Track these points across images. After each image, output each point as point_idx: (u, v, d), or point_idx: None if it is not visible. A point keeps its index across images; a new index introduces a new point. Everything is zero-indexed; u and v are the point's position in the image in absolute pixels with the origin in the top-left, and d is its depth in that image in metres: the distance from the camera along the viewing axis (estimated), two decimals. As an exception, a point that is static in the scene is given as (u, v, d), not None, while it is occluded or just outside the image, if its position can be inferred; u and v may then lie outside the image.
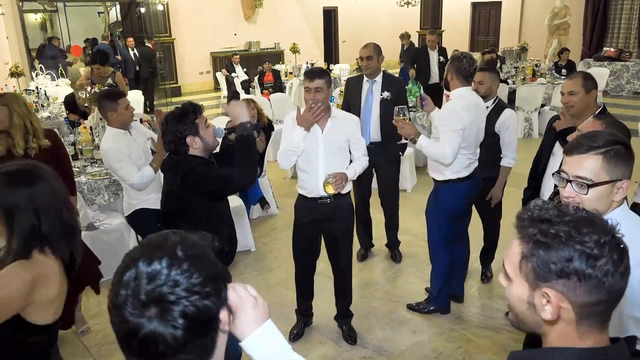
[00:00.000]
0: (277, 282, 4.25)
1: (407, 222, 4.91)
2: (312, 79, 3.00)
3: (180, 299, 0.88)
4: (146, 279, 0.88)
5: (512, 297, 1.08)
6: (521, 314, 1.08)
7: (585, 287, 0.96)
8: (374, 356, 3.35)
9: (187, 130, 2.41)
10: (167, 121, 2.45)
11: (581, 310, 0.99)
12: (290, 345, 1.16)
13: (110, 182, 4.37)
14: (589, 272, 0.95)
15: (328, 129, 3.10)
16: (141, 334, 0.87)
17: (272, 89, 9.73)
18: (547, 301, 1.00)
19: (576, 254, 0.96)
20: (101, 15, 16.03)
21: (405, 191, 6.10)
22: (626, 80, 11.33)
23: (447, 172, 3.38)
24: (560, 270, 0.97)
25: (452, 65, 3.33)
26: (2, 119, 3.16)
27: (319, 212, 3.21)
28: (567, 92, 2.88)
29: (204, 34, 13.22)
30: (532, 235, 1.01)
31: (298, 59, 12.29)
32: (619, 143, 1.60)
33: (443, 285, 3.65)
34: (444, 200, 3.48)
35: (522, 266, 1.03)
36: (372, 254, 4.73)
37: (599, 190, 1.59)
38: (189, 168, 2.41)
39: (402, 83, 4.34)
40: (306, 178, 3.18)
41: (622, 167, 1.59)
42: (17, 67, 9.00)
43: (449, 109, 3.28)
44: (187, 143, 2.42)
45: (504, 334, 3.49)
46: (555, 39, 12.38)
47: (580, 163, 1.60)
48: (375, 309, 3.86)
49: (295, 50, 12.35)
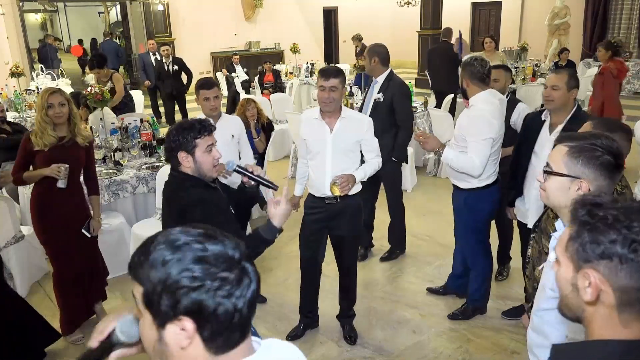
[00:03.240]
0: (277, 282, 4.25)
1: (407, 223, 4.90)
2: (328, 78, 2.97)
3: None
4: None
5: (560, 280, 1.09)
6: (566, 298, 1.08)
7: (626, 271, 0.97)
8: (374, 356, 3.35)
9: (183, 145, 2.18)
10: (169, 131, 2.29)
11: (622, 295, 0.99)
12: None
13: (110, 182, 4.37)
14: (630, 257, 0.96)
15: (337, 130, 3.08)
16: None
17: (272, 89, 9.73)
18: (588, 283, 1.01)
19: (620, 237, 0.97)
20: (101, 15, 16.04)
21: (405, 191, 6.10)
22: (626, 80, 11.33)
23: (475, 180, 3.26)
24: (602, 251, 0.98)
25: (465, 72, 3.22)
26: (67, 112, 3.27)
27: (326, 212, 3.21)
28: (550, 86, 2.94)
29: (204, 34, 13.24)
30: (580, 217, 1.03)
31: (298, 59, 12.29)
32: (601, 149, 1.57)
33: (482, 286, 3.61)
34: (477, 209, 3.36)
35: (569, 247, 1.05)
36: (372, 253, 4.73)
37: (556, 180, 1.64)
38: (189, 203, 2.16)
39: (400, 88, 4.21)
40: (314, 177, 3.19)
41: (583, 167, 1.58)
42: (17, 67, 9.00)
43: (478, 118, 3.12)
44: (178, 158, 2.21)
45: (504, 334, 3.49)
46: (555, 39, 12.39)
47: (553, 151, 1.68)
48: (375, 309, 3.86)
49: (296, 50, 12.36)
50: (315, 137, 3.13)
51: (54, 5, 15.50)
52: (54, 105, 3.20)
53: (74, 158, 3.30)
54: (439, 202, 5.55)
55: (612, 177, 1.60)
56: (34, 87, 8.89)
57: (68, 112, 3.27)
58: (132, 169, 4.67)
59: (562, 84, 2.89)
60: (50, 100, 3.21)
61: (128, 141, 5.22)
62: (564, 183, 1.62)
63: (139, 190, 4.56)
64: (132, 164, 4.79)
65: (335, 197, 3.11)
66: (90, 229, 3.42)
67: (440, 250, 4.68)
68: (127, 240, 4.37)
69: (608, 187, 1.61)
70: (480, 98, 3.20)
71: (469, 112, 3.25)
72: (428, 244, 4.81)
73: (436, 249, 4.73)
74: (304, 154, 3.30)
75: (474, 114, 3.17)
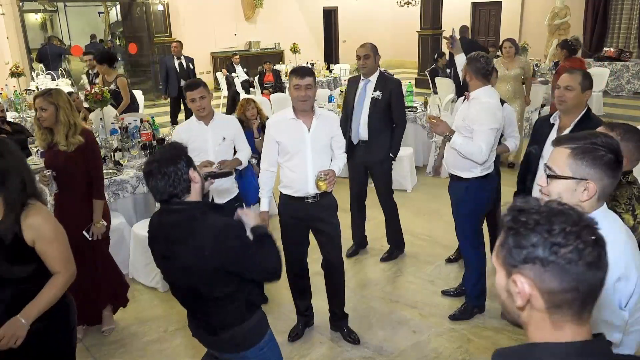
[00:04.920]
0: (277, 282, 4.24)
1: (407, 222, 4.90)
2: (303, 77, 3.01)
3: None
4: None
5: (497, 286, 1.11)
6: (504, 304, 1.10)
7: (549, 274, 0.98)
8: (374, 356, 3.35)
9: (187, 164, 2.03)
10: (158, 165, 2.00)
11: (550, 298, 1.00)
12: (290, 345, 1.16)
13: (110, 182, 4.37)
14: (551, 259, 0.97)
15: (315, 128, 3.12)
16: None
17: (272, 89, 9.74)
18: (517, 288, 1.02)
19: (541, 240, 0.98)
20: (101, 15, 16.03)
21: (405, 191, 6.10)
22: (626, 80, 11.33)
23: (478, 169, 3.42)
24: (525, 256, 1.00)
25: (470, 66, 3.35)
26: (49, 117, 3.18)
27: (306, 211, 3.22)
28: (563, 87, 2.86)
29: (204, 34, 13.24)
30: (506, 223, 1.04)
31: (298, 59, 12.30)
32: (603, 147, 1.56)
33: (478, 283, 3.68)
34: (478, 197, 3.51)
35: (499, 253, 1.06)
36: (372, 253, 4.73)
37: (561, 184, 1.60)
38: (220, 230, 1.97)
39: (396, 84, 4.28)
40: (293, 177, 3.17)
41: (589, 168, 1.56)
42: (17, 67, 9.00)
43: (485, 109, 3.27)
44: (190, 177, 2.02)
45: (504, 334, 3.49)
46: (555, 38, 12.37)
47: (552, 154, 1.64)
48: (375, 309, 3.86)
49: (296, 50, 12.36)
50: (292, 138, 3.12)
51: (54, 5, 15.49)
52: (37, 109, 3.20)
53: (62, 163, 3.23)
54: (439, 202, 5.55)
55: (615, 175, 1.60)
56: (34, 87, 8.90)
57: (53, 117, 3.18)
58: (132, 169, 4.67)
59: (576, 84, 2.82)
60: (35, 104, 3.22)
61: (128, 141, 5.22)
62: (569, 186, 1.59)
63: (139, 190, 4.56)
64: (132, 164, 4.79)
65: (315, 195, 3.16)
66: (90, 232, 3.42)
67: (441, 250, 4.68)
68: (127, 240, 4.37)
69: (611, 186, 1.61)
70: (482, 92, 3.35)
71: (474, 103, 3.34)
72: (428, 244, 4.81)
73: (436, 249, 4.73)
74: (274, 161, 3.23)
75: (481, 106, 3.28)
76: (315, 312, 3.64)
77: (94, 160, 3.40)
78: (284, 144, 3.15)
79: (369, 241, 4.82)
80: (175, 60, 8.92)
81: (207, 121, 3.51)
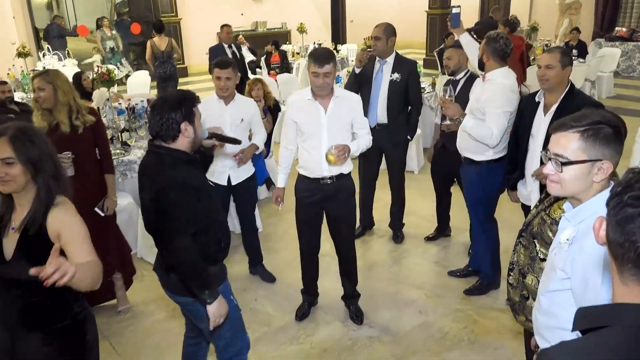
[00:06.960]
0: (284, 262, 4.28)
1: (413, 204, 4.90)
2: (322, 65, 2.94)
3: None
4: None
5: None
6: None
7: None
8: (380, 336, 3.38)
9: (184, 116, 2.17)
10: (161, 103, 2.20)
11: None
12: (297, 324, 1.16)
13: (118, 163, 4.38)
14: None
15: (331, 109, 3.09)
16: None
17: (279, 69, 9.68)
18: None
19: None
20: (107, -5, 15.91)
21: (412, 172, 6.09)
22: (638, 60, 11.17)
23: (490, 152, 3.40)
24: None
25: (488, 46, 3.29)
26: (47, 97, 3.15)
27: (321, 193, 3.22)
28: (544, 66, 2.89)
29: (211, 14, 13.11)
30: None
31: (305, 39, 12.17)
32: (607, 124, 1.55)
33: (492, 261, 3.72)
34: (489, 182, 3.48)
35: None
36: (378, 235, 4.74)
37: (576, 169, 1.56)
38: (166, 185, 2.13)
39: (413, 65, 4.28)
40: (309, 158, 3.18)
41: (602, 147, 1.54)
42: (24, 47, 8.98)
43: (500, 91, 3.22)
44: (181, 130, 2.17)
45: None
46: (566, 18, 12.19)
47: (559, 140, 1.59)
48: (381, 290, 3.88)
49: (303, 30, 12.24)
50: (309, 118, 3.12)
51: (60, -15, 15.40)
52: (35, 89, 3.17)
53: (75, 144, 3.21)
54: (446, 183, 5.52)
55: (621, 150, 1.58)
56: (40, 67, 8.88)
57: (52, 97, 3.15)
58: (140, 149, 4.68)
59: (556, 62, 2.85)
60: (33, 84, 3.19)
61: (135, 122, 5.23)
62: (583, 170, 1.56)
63: (147, 171, 4.56)
64: (140, 145, 4.81)
65: (331, 177, 3.13)
66: (104, 207, 3.41)
67: (447, 231, 4.69)
68: (135, 220, 4.40)
69: (617, 161, 1.59)
70: (499, 73, 3.30)
71: (489, 85, 3.30)
72: (434, 225, 4.80)
73: (443, 231, 4.73)
74: (292, 139, 3.26)
75: (496, 88, 3.25)
76: (320, 292, 3.67)
77: (103, 137, 3.44)
78: (300, 124, 3.16)
79: (376, 222, 4.83)
80: (226, 48, 7.70)
81: (227, 101, 3.60)
